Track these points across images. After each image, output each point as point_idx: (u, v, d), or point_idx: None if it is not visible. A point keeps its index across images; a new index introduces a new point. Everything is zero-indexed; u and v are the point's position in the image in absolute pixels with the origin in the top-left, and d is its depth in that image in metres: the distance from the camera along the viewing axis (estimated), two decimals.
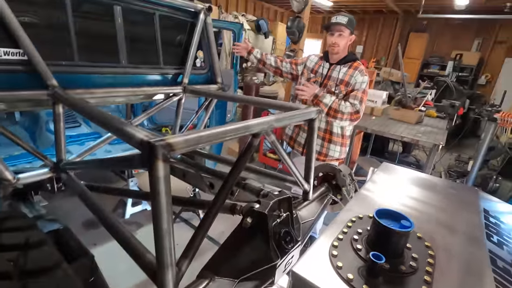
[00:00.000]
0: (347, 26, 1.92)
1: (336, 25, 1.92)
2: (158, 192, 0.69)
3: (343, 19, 1.91)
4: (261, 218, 0.99)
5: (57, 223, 1.35)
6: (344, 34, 1.94)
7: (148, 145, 0.67)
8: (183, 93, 1.87)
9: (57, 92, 1.24)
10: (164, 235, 0.72)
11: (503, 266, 0.63)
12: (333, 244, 0.62)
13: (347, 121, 1.98)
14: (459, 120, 6.58)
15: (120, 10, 1.51)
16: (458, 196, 0.94)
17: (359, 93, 1.98)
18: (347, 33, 1.95)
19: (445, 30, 8.56)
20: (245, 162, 1.01)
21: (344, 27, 1.92)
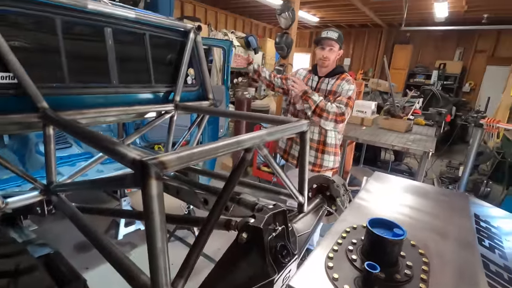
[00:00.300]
0: (337, 41, 1.99)
1: (327, 40, 1.99)
2: (152, 211, 0.69)
3: (334, 34, 1.98)
4: (256, 233, 0.98)
5: (47, 247, 1.32)
6: (334, 49, 2.01)
7: (141, 163, 0.67)
8: (175, 110, 1.88)
9: (48, 114, 1.23)
10: (158, 254, 0.71)
11: (495, 270, 0.64)
12: (329, 256, 0.62)
13: (332, 122, 2.00)
14: (447, 127, 6.74)
15: (110, 32, 1.54)
16: (449, 202, 0.96)
17: (344, 98, 2.03)
18: (337, 47, 2.02)
19: (428, 41, 8.89)
20: (238, 177, 1.01)
21: (335, 42, 1.99)
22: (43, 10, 1.28)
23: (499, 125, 3.55)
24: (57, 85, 1.37)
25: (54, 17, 1.32)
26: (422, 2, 6.13)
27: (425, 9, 6.69)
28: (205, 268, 1.15)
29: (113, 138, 1.70)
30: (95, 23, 1.47)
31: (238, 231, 1.03)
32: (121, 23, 1.57)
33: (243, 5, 7.65)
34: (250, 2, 7.03)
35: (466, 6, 6.05)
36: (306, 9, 7.63)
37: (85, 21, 1.43)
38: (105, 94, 1.56)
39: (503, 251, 0.73)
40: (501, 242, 0.77)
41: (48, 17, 1.30)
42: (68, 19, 1.36)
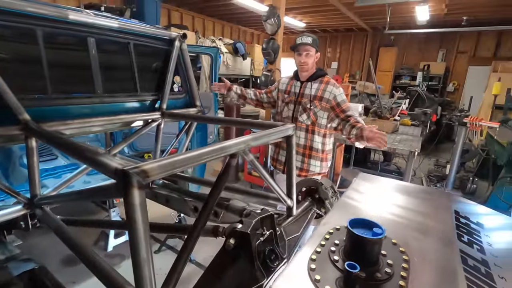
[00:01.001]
0: (312, 45, 2.03)
1: (302, 45, 2.02)
2: (135, 220, 0.68)
3: (308, 39, 2.02)
4: (244, 238, 0.98)
5: (32, 262, 1.29)
6: (311, 53, 2.04)
7: (122, 173, 0.66)
8: (162, 118, 1.87)
9: (30, 126, 1.21)
10: (143, 264, 0.71)
11: (473, 264, 0.66)
12: (311, 258, 0.63)
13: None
14: (433, 127, 6.90)
15: (93, 42, 1.53)
16: (431, 200, 0.98)
17: (347, 104, 2.10)
18: (313, 51, 2.05)
19: (412, 43, 9.14)
20: (224, 183, 1.02)
21: (310, 46, 2.02)
22: (24, 22, 1.27)
23: (481, 123, 3.67)
24: (39, 96, 1.35)
25: (35, 28, 1.31)
26: (404, 6, 6.31)
27: (407, 13, 6.89)
28: (196, 276, 1.14)
29: (96, 148, 1.68)
30: (78, 34, 1.46)
31: (225, 237, 1.03)
32: (104, 33, 1.57)
33: (230, 12, 7.72)
34: (236, 9, 7.11)
35: (446, 9, 6.25)
36: (292, 14, 7.75)
37: (67, 32, 1.42)
38: (90, 104, 1.54)
39: (481, 246, 0.75)
40: (479, 237, 0.79)
41: (29, 28, 1.29)
42: (50, 30, 1.35)
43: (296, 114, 2.17)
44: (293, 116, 2.19)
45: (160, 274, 2.32)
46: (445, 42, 8.66)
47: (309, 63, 2.07)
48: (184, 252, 0.88)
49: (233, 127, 3.95)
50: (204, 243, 2.68)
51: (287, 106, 2.22)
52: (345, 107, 2.07)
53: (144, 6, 5.72)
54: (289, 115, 2.21)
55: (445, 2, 5.80)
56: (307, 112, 2.14)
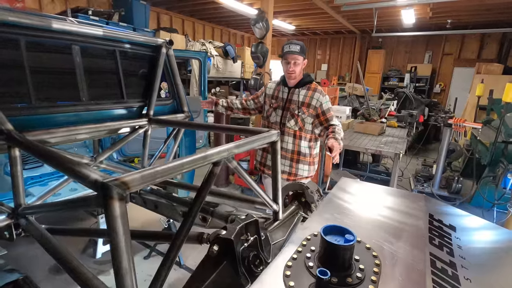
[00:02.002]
0: (300, 54, 2.06)
1: (290, 54, 2.05)
2: (116, 232, 0.69)
3: (296, 47, 2.05)
4: (227, 245, 1.00)
5: (16, 273, 1.28)
6: (298, 61, 2.08)
7: (102, 185, 0.68)
8: (149, 125, 1.88)
9: (12, 136, 1.20)
10: (125, 274, 0.72)
11: (441, 266, 0.69)
12: (287, 265, 0.65)
13: None
14: (421, 127, 7.05)
15: (78, 49, 1.53)
16: (406, 203, 1.02)
17: (332, 112, 2.16)
18: (301, 59, 2.08)
19: (399, 45, 9.33)
20: (207, 191, 1.03)
21: (298, 55, 2.05)
22: (6, 32, 1.26)
23: (465, 124, 3.77)
24: (22, 106, 1.34)
25: (18, 37, 1.30)
26: (391, 10, 6.44)
27: (394, 16, 7.03)
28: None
29: (79, 157, 1.68)
30: (62, 42, 1.46)
31: (209, 244, 1.04)
32: (89, 41, 1.57)
33: (219, 15, 7.73)
34: (226, 12, 7.13)
35: (431, 12, 6.42)
36: (281, 18, 7.82)
37: (51, 40, 1.42)
38: (75, 112, 1.54)
39: (451, 248, 0.79)
40: (450, 240, 0.83)
41: (11, 38, 1.28)
42: (33, 39, 1.35)
43: (284, 119, 2.20)
44: (281, 122, 2.22)
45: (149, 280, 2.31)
46: (431, 44, 8.87)
47: (296, 71, 2.11)
48: (167, 259, 0.90)
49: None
50: (193, 249, 2.68)
51: (275, 111, 2.25)
52: (329, 116, 2.13)
53: (132, 10, 5.69)
54: (277, 120, 2.24)
55: (430, 6, 5.95)
56: (295, 118, 2.17)
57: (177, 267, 2.48)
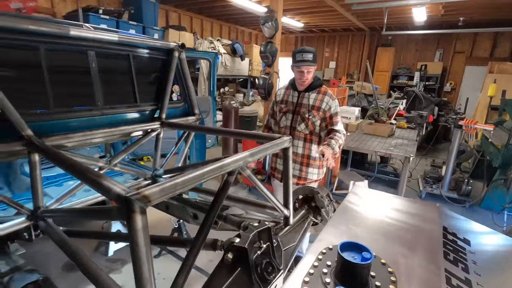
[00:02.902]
0: (313, 62, 2.05)
1: (304, 63, 2.04)
2: (137, 244, 0.72)
3: (309, 56, 2.03)
4: (241, 253, 1.02)
5: (36, 273, 1.32)
6: (311, 70, 2.08)
7: (125, 200, 0.70)
8: (161, 128, 1.90)
9: (32, 142, 1.24)
10: (145, 284, 0.74)
11: (456, 284, 0.70)
12: (304, 280, 0.67)
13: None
14: (430, 127, 6.96)
15: (94, 55, 1.56)
16: (419, 215, 1.02)
17: (338, 117, 2.17)
18: (313, 68, 2.08)
19: (409, 43, 9.18)
20: (223, 199, 1.06)
21: (311, 64, 2.05)
22: (26, 40, 1.29)
23: (476, 126, 3.72)
24: (41, 112, 1.38)
25: (38, 45, 1.33)
26: (402, 7, 6.33)
27: (404, 14, 6.92)
28: (197, 282, 1.18)
29: (92, 161, 1.70)
30: (78, 48, 1.49)
31: (224, 251, 1.06)
32: (104, 46, 1.60)
33: (228, 12, 7.71)
34: (235, 9, 7.10)
35: (443, 10, 6.29)
36: (290, 15, 7.76)
37: (68, 47, 1.45)
38: (91, 116, 1.57)
39: (466, 264, 0.79)
40: (464, 255, 0.83)
41: (31, 45, 1.31)
42: (51, 46, 1.38)
43: (295, 123, 2.21)
44: (291, 126, 2.22)
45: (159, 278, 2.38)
46: (442, 42, 8.71)
47: (309, 79, 2.11)
48: (185, 265, 0.92)
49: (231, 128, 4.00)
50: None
51: (285, 115, 2.25)
52: (335, 120, 2.15)
53: (142, 8, 5.71)
54: (287, 125, 2.24)
55: (442, 4, 5.83)
56: (305, 122, 2.18)
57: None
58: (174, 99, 2.09)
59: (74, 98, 1.52)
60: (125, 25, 5.26)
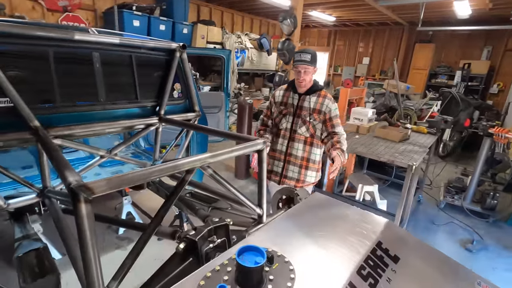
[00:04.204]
0: (310, 63, 2.06)
1: (300, 63, 2.06)
2: (83, 229, 0.85)
3: (307, 56, 2.05)
4: (192, 244, 1.13)
5: (38, 242, 1.55)
6: (308, 70, 2.08)
7: (71, 190, 0.83)
8: (159, 123, 2.06)
9: (38, 132, 1.45)
10: (90, 261, 0.88)
11: None
12: (206, 276, 0.76)
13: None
14: (465, 132, 6.41)
15: (98, 56, 1.74)
16: (360, 226, 1.03)
17: (337, 118, 2.19)
18: (311, 68, 2.09)
19: (452, 39, 8.42)
20: (177, 194, 1.17)
21: (308, 64, 2.06)
22: (36, 44, 1.50)
23: (508, 136, 3.39)
24: (48, 106, 1.60)
25: (47, 49, 1.54)
26: (442, 1, 5.84)
27: (446, 7, 6.36)
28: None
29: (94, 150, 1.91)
30: (83, 50, 1.68)
31: (178, 242, 1.18)
32: (107, 48, 1.77)
33: (258, 6, 7.72)
34: (265, 3, 7.09)
35: (491, 3, 5.68)
36: (320, 9, 7.55)
37: (74, 50, 1.65)
38: (93, 111, 1.77)
39: (376, 280, 0.80)
40: (382, 271, 0.84)
41: (40, 49, 1.52)
42: (59, 49, 1.58)
43: (295, 126, 2.24)
44: (292, 128, 2.25)
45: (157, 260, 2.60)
46: (491, 39, 7.86)
47: (306, 80, 2.12)
48: (134, 250, 1.06)
49: (245, 124, 4.12)
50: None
51: (285, 117, 2.27)
52: (335, 122, 2.16)
53: (173, 4, 5.97)
54: (287, 127, 2.26)
55: None
56: (306, 125, 2.20)
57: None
58: (175, 96, 2.24)
59: (79, 94, 1.72)
60: (156, 21, 5.56)
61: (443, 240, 3.31)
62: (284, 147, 2.27)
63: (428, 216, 3.84)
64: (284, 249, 0.88)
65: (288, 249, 0.89)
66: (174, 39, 5.85)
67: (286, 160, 2.28)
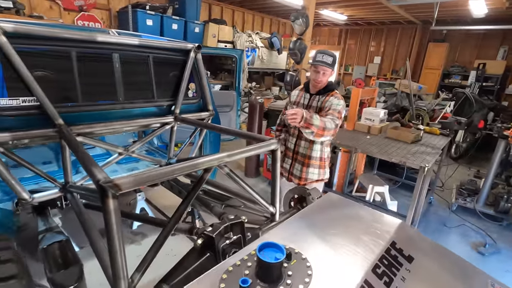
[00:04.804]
0: (331, 66, 2.06)
1: (321, 65, 2.06)
2: (109, 222, 0.91)
3: (328, 59, 2.05)
4: (209, 240, 1.18)
5: (61, 235, 1.62)
6: (327, 72, 2.09)
7: (100, 186, 0.89)
8: (175, 122, 2.12)
9: (61, 130, 1.52)
10: (116, 254, 0.94)
11: None
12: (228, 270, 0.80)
13: (329, 137, 2.08)
14: (479, 134, 6.28)
15: (117, 57, 1.80)
16: (374, 226, 1.06)
17: (335, 112, 2.08)
18: (329, 71, 2.09)
19: (467, 39, 8.24)
20: (197, 191, 1.21)
21: (328, 67, 2.06)
22: (60, 45, 1.57)
23: None
24: (71, 104, 1.67)
25: (70, 49, 1.60)
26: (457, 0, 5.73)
27: (461, 6, 6.23)
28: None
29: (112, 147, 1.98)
30: (104, 51, 1.74)
31: (196, 237, 1.23)
32: (126, 49, 1.83)
33: (269, 5, 7.71)
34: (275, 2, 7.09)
35: (507, 2, 5.53)
36: (332, 8, 7.50)
37: (95, 50, 1.71)
38: (112, 109, 1.84)
39: (391, 278, 0.83)
40: (397, 271, 0.87)
41: (64, 50, 1.59)
42: (81, 50, 1.65)
43: None
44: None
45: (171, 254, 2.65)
46: (507, 39, 7.66)
47: (323, 81, 2.13)
48: (155, 244, 1.11)
49: (255, 123, 4.15)
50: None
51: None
52: (331, 113, 2.08)
53: (185, 3, 6.02)
54: (296, 125, 2.29)
55: None
56: None
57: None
58: (190, 96, 2.29)
59: (99, 93, 1.79)
60: (169, 20, 5.64)
61: (455, 243, 3.27)
62: (293, 145, 2.30)
63: (439, 218, 3.80)
64: (300, 247, 0.91)
65: (304, 246, 0.92)
66: (186, 38, 5.92)
67: (294, 158, 2.31)
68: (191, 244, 1.16)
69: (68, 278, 1.23)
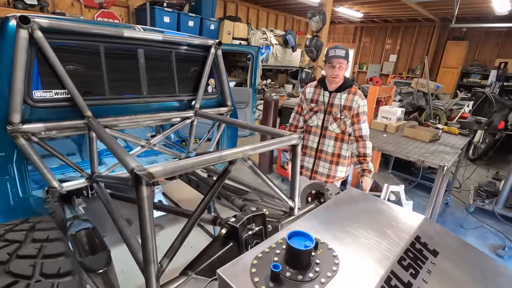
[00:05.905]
0: (345, 58, 2.07)
1: (336, 58, 2.06)
2: (143, 208, 0.95)
3: (342, 52, 2.06)
4: (233, 230, 1.21)
5: (88, 223, 1.70)
6: (342, 66, 2.09)
7: (134, 174, 0.93)
8: (195, 117, 2.17)
9: (90, 122, 1.59)
10: (147, 239, 0.98)
11: (394, 284, 0.77)
12: (258, 256, 0.83)
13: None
14: (499, 135, 6.10)
15: (142, 52, 1.86)
16: (398, 220, 1.07)
17: (364, 115, 2.21)
18: (345, 64, 2.09)
19: (488, 37, 7.98)
20: (221, 183, 1.25)
21: (343, 59, 2.07)
22: (90, 40, 1.63)
23: None
24: (99, 98, 1.73)
25: (99, 44, 1.66)
26: None
27: (483, 3, 6.05)
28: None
29: (136, 140, 2.04)
30: (129, 46, 1.80)
31: (220, 227, 1.26)
32: (151, 45, 1.88)
33: (283, 2, 7.70)
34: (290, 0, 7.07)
35: None
36: (348, 5, 7.41)
37: (122, 46, 1.77)
38: (137, 103, 1.90)
39: (417, 270, 0.84)
40: (422, 263, 0.88)
41: (94, 45, 1.65)
42: (109, 45, 1.71)
43: (326, 123, 2.26)
44: (323, 125, 2.28)
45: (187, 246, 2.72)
46: None
47: (340, 75, 2.13)
48: (182, 233, 1.15)
49: (270, 119, 4.18)
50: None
51: (316, 115, 2.30)
52: (361, 119, 2.19)
53: (201, 0, 6.09)
54: (318, 124, 2.29)
55: None
56: (337, 122, 2.23)
57: (210, 238, 2.83)
58: (210, 91, 2.33)
59: (125, 87, 1.85)
60: (185, 17, 5.71)
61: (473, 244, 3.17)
62: (315, 143, 2.30)
63: (456, 219, 3.73)
64: (325, 238, 0.93)
65: (328, 238, 0.94)
66: (201, 35, 5.99)
67: (317, 156, 2.32)
68: (206, 237, 1.19)
69: (98, 262, 1.28)
